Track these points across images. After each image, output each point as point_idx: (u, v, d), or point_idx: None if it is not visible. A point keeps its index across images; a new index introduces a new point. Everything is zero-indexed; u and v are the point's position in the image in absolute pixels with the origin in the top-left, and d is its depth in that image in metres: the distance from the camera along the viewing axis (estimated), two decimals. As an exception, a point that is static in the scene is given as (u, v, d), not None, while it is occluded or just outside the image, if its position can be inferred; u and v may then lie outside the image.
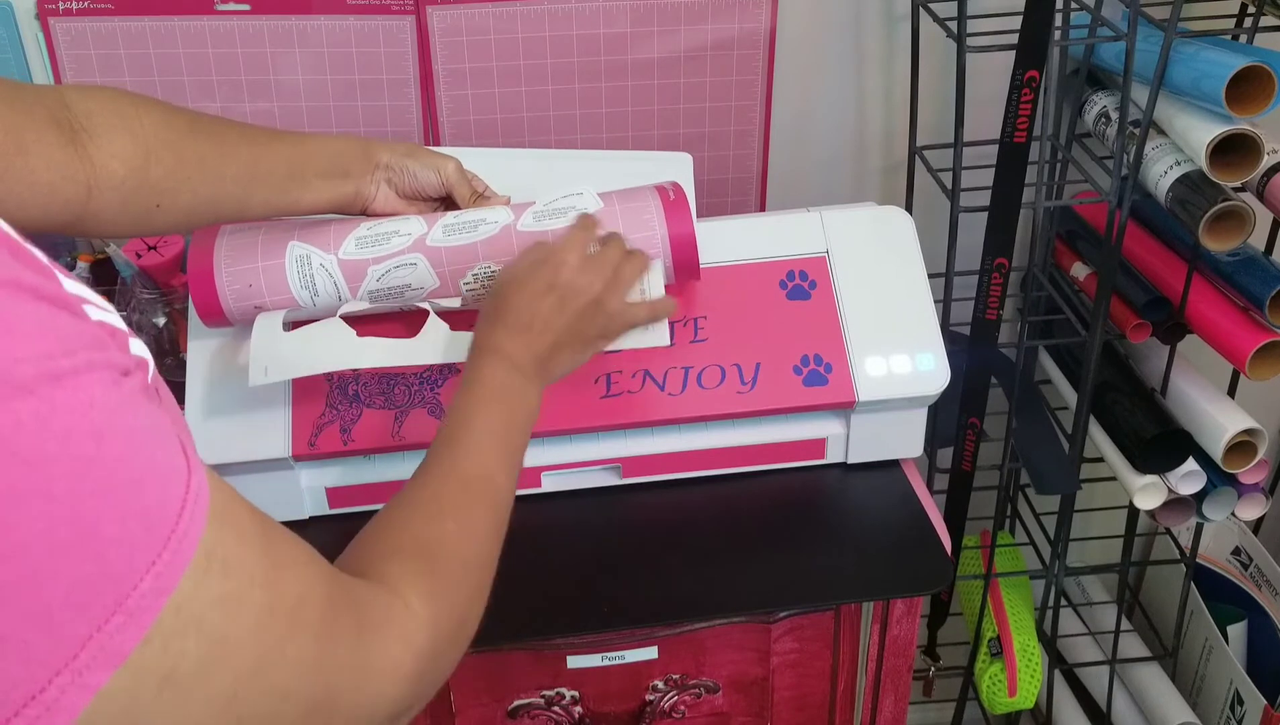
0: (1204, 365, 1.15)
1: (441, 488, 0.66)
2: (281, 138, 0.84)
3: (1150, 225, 1.14)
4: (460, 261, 0.86)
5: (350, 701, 0.48)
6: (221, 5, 1.03)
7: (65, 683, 0.36)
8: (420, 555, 0.59)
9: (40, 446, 0.34)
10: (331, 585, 0.48)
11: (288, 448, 0.90)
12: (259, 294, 0.86)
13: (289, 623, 0.44)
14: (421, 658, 0.53)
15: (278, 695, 0.43)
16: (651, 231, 0.88)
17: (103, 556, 0.36)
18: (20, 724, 0.35)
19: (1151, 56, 0.96)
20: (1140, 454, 1.09)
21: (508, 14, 1.06)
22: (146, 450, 0.38)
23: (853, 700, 1.00)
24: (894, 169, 1.21)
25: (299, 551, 0.47)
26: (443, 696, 0.91)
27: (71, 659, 0.36)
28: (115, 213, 0.73)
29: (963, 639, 1.35)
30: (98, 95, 0.73)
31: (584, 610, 0.88)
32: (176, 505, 0.39)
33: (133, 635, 0.37)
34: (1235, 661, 1.31)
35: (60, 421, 0.35)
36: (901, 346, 0.95)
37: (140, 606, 0.37)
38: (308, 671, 0.45)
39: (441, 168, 0.88)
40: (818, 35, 1.12)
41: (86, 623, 0.36)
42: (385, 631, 0.51)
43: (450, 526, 0.62)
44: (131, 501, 0.37)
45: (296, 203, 0.84)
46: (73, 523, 0.35)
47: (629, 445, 0.96)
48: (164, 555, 0.38)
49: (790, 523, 0.96)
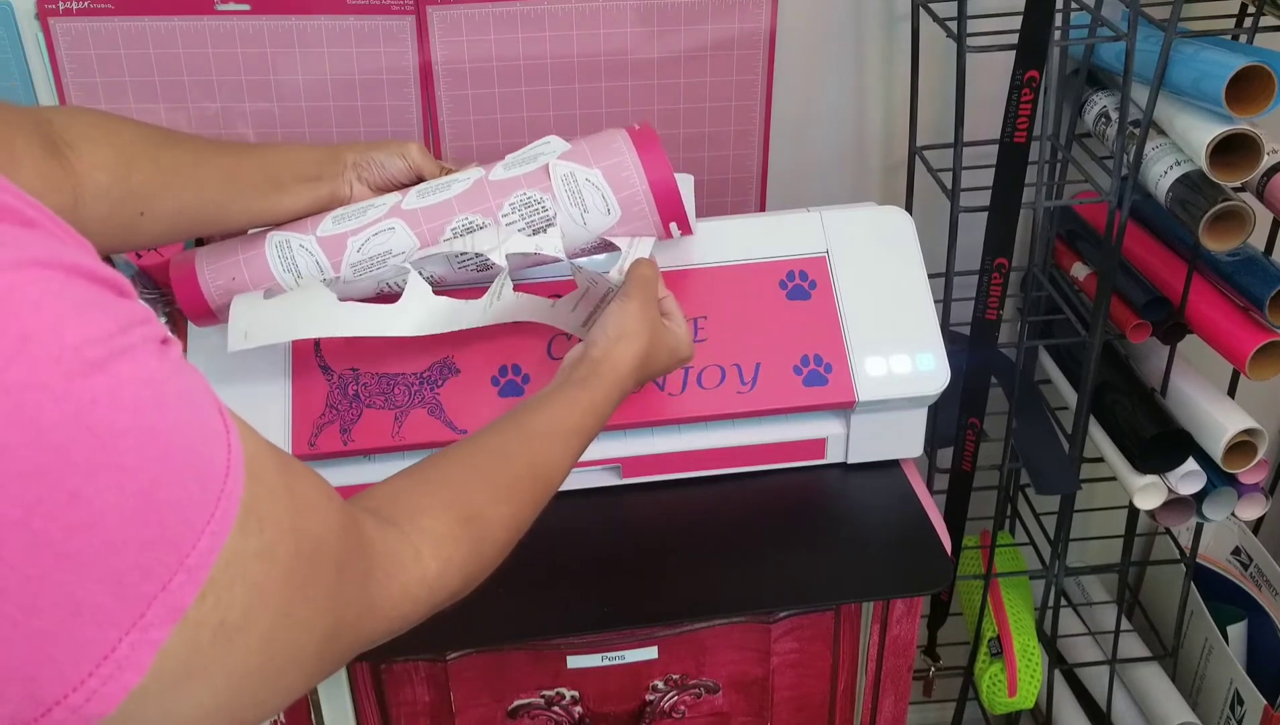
0: (1204, 365, 1.15)
1: (517, 474, 0.68)
2: (252, 148, 0.88)
3: (1150, 225, 1.14)
4: (437, 218, 0.87)
5: (354, 631, 0.52)
6: (221, 5, 1.03)
7: (134, 640, 0.38)
8: (465, 522, 0.61)
9: (113, 420, 0.37)
10: (345, 524, 0.51)
11: (288, 448, 0.90)
12: (243, 285, 0.87)
13: (311, 563, 0.47)
14: (417, 607, 0.57)
15: (304, 630, 0.47)
16: (621, 157, 0.87)
17: (166, 520, 0.38)
18: (94, 683, 0.37)
19: (1151, 56, 0.96)
20: (1140, 454, 1.09)
21: (508, 14, 1.06)
22: (197, 415, 0.41)
23: (853, 700, 1.00)
24: (894, 169, 1.21)
25: (317, 492, 0.50)
26: (443, 696, 0.91)
27: (139, 618, 0.38)
28: (102, 224, 0.75)
29: (963, 639, 1.35)
30: (73, 113, 0.77)
31: (584, 610, 0.88)
32: (223, 465, 0.41)
33: (191, 592, 0.39)
34: (1235, 661, 1.31)
35: (128, 394, 0.37)
36: (901, 346, 0.95)
37: (198, 564, 0.39)
38: (325, 606, 0.48)
39: (405, 152, 0.91)
40: (818, 35, 1.12)
41: (153, 583, 0.38)
42: (389, 575, 0.55)
43: (505, 510, 0.65)
44: (189, 465, 0.40)
45: (276, 207, 0.86)
46: (141, 490, 0.37)
47: (629, 445, 0.96)
48: (216, 514, 0.40)
49: (790, 523, 0.96)
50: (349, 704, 0.92)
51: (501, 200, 0.87)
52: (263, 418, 0.91)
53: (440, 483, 0.63)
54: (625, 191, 0.87)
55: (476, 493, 0.64)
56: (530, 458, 0.69)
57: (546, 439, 0.71)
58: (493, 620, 0.88)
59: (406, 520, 0.58)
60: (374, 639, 0.54)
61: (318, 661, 0.49)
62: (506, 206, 0.87)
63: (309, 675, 0.49)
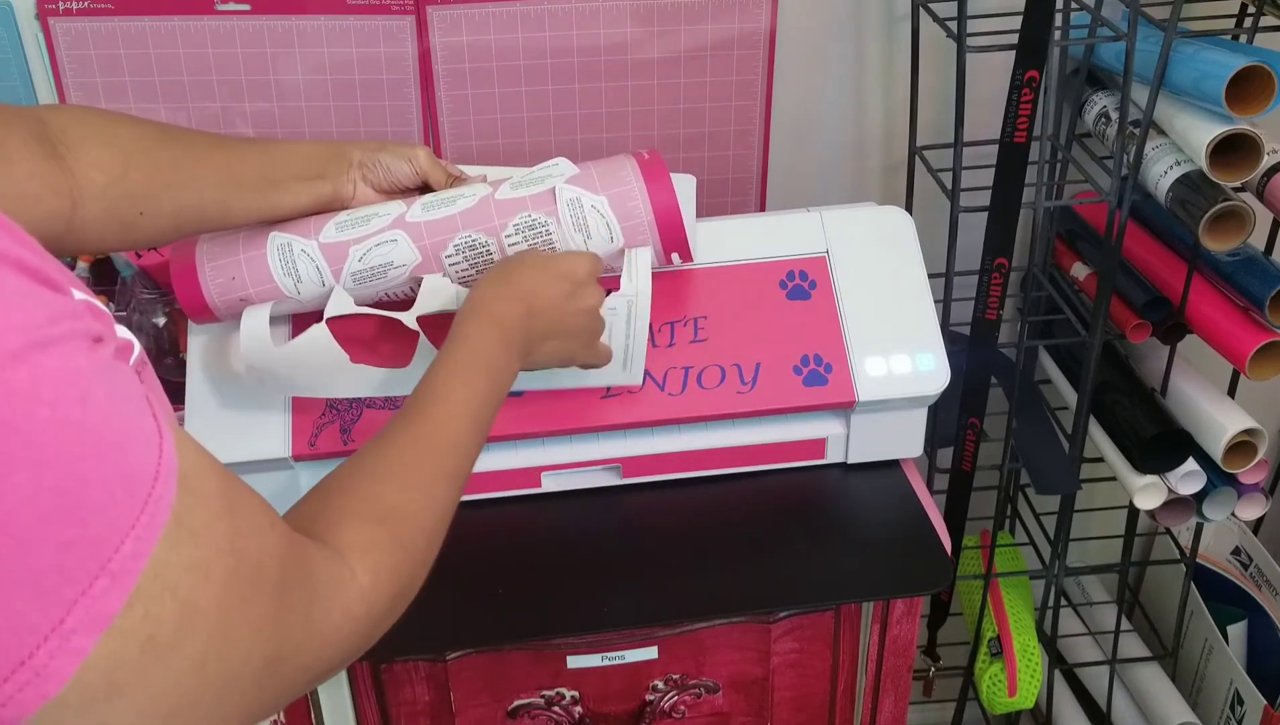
0: (1204, 365, 1.15)
1: (413, 454, 0.65)
2: (253, 145, 0.86)
3: (1150, 225, 1.14)
4: (440, 234, 0.87)
5: (295, 660, 0.50)
6: (221, 5, 1.03)
7: (53, 647, 0.37)
8: (379, 523, 0.59)
9: (31, 413, 0.35)
10: (287, 549, 0.50)
11: (288, 448, 0.90)
12: (243, 286, 0.87)
13: (251, 587, 0.45)
14: (360, 625, 0.55)
15: (241, 655, 0.45)
16: (629, 186, 0.88)
17: (87, 520, 0.37)
18: (10, 689, 0.36)
19: (1151, 56, 0.96)
20: (1140, 454, 1.09)
21: (508, 14, 1.06)
22: (124, 413, 0.39)
23: (853, 700, 1.00)
24: (894, 169, 1.21)
25: (259, 515, 0.48)
26: (443, 697, 0.91)
27: (59, 623, 0.36)
28: (101, 224, 0.75)
29: (963, 639, 1.35)
30: (70, 112, 0.76)
31: (584, 610, 0.88)
32: (151, 469, 0.40)
33: (116, 599, 0.38)
34: (1235, 661, 1.31)
35: (49, 388, 0.36)
36: (901, 346, 0.95)
37: (122, 569, 0.38)
38: (265, 632, 0.46)
39: (413, 156, 0.90)
40: (818, 35, 1.12)
41: (72, 586, 0.37)
42: (331, 599, 0.53)
43: (415, 496, 0.63)
44: (114, 464, 0.38)
45: (277, 206, 0.85)
46: (60, 487, 0.36)
47: (629, 445, 0.96)
48: (142, 518, 0.39)
49: (790, 523, 0.96)
50: (349, 704, 0.92)
51: (506, 220, 0.87)
52: (263, 418, 0.91)
53: (346, 492, 0.61)
54: (630, 221, 0.88)
55: (381, 489, 0.62)
56: (417, 432, 0.66)
57: (429, 407, 0.68)
58: (493, 620, 0.88)
59: (330, 537, 0.56)
60: (317, 668, 0.52)
61: (257, 691, 0.47)
62: (510, 227, 0.87)
63: (248, 705, 0.47)
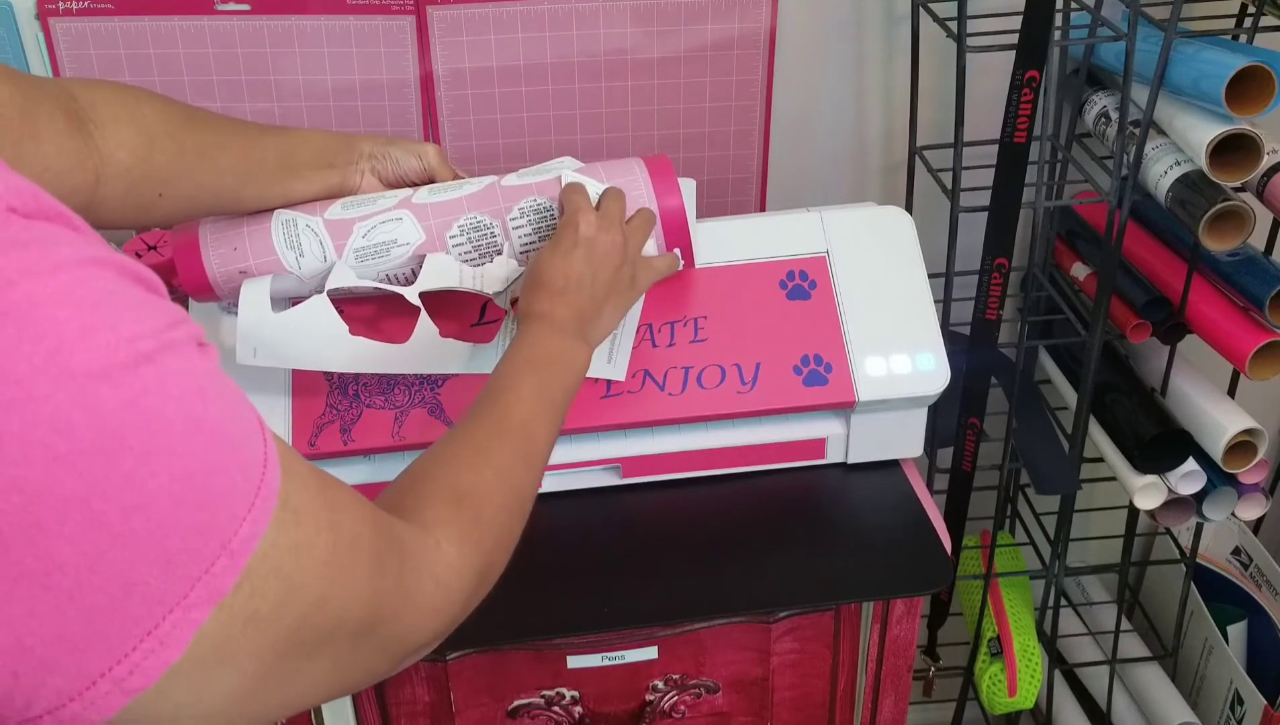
0: (1204, 365, 1.15)
1: (484, 437, 0.69)
2: (268, 130, 0.87)
3: (1150, 225, 1.14)
4: (445, 214, 0.88)
5: (389, 629, 0.53)
6: (221, 5, 1.03)
7: (177, 619, 0.40)
8: (458, 501, 0.63)
9: (163, 409, 0.39)
10: (378, 525, 0.53)
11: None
12: (244, 257, 0.87)
13: (347, 561, 0.49)
14: (450, 594, 0.58)
15: (334, 623, 0.48)
16: (634, 180, 0.89)
17: (212, 505, 0.41)
18: (137, 657, 0.40)
19: (1151, 56, 0.96)
20: (1140, 454, 1.09)
21: (508, 14, 1.06)
22: (236, 408, 0.44)
23: (853, 700, 1.00)
24: (894, 169, 1.21)
25: (348, 495, 0.52)
26: (443, 697, 0.91)
27: (183, 598, 0.40)
28: (120, 202, 0.75)
29: (963, 639, 1.35)
30: (100, 87, 0.76)
31: (584, 610, 0.88)
32: (261, 458, 0.44)
33: (231, 576, 0.42)
34: (1235, 661, 1.31)
35: (175, 386, 0.40)
36: (901, 346, 0.95)
37: (238, 549, 0.42)
38: (359, 602, 0.50)
39: (422, 153, 0.92)
40: (818, 35, 1.12)
41: (199, 565, 0.41)
42: (422, 570, 0.57)
43: (488, 476, 0.66)
44: (232, 454, 0.42)
45: (288, 192, 0.87)
46: (191, 475, 0.40)
47: (629, 445, 0.96)
48: (256, 503, 0.43)
49: (790, 523, 0.96)
50: (349, 703, 0.92)
51: (511, 204, 0.88)
52: (263, 418, 0.91)
53: (422, 478, 0.65)
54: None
55: (455, 471, 0.65)
56: (487, 417, 0.70)
57: (498, 396, 0.72)
58: (493, 620, 0.87)
59: (414, 518, 0.60)
60: (412, 638, 0.56)
61: (351, 656, 0.51)
62: (515, 211, 0.88)
63: (343, 671, 0.51)
